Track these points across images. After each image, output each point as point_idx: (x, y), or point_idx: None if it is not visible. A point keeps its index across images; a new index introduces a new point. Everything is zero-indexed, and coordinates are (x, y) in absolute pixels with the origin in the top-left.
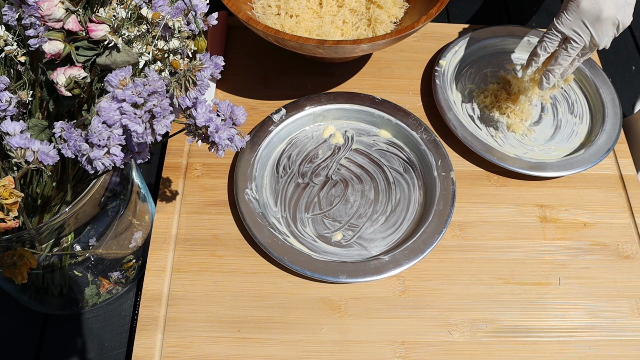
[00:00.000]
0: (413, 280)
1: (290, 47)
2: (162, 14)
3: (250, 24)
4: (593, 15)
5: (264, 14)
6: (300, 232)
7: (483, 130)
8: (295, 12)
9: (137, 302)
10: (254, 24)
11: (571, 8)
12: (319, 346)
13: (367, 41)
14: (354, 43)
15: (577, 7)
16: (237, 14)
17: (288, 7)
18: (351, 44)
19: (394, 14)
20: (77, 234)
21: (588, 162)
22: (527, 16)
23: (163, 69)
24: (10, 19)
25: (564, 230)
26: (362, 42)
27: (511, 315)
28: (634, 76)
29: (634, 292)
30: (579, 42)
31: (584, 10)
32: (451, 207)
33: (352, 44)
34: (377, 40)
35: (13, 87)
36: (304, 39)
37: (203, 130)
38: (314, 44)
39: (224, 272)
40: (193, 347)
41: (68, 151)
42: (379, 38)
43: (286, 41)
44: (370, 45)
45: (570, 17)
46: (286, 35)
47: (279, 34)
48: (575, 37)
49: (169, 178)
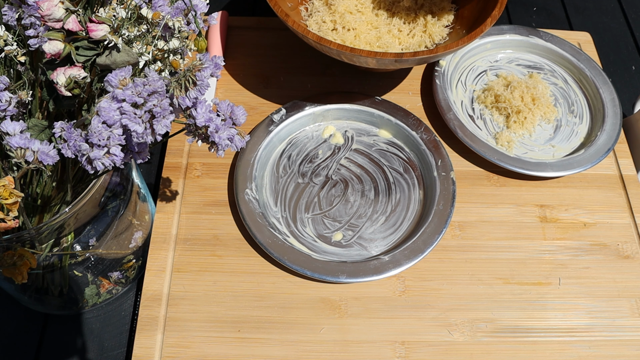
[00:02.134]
0: (413, 280)
1: (364, 64)
2: (162, 14)
3: (323, 44)
4: None
5: (320, 30)
6: (300, 232)
7: (483, 130)
8: (352, 25)
9: (137, 302)
10: (326, 44)
11: None
12: (319, 346)
13: (442, 49)
14: (429, 53)
15: None
16: (306, 34)
17: (345, 21)
18: (427, 54)
19: (445, 16)
20: (77, 234)
21: (588, 162)
22: (527, 16)
23: (163, 69)
24: (10, 19)
25: (564, 230)
26: (439, 51)
27: (511, 315)
28: (634, 76)
29: (634, 292)
30: None
31: None
32: (451, 207)
33: (428, 54)
34: (453, 48)
35: (13, 87)
36: (381, 54)
37: (203, 130)
38: (392, 58)
39: (224, 272)
40: (193, 347)
41: (68, 151)
42: (453, 45)
43: (362, 58)
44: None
45: None
46: (363, 52)
47: (354, 51)
48: None
49: (169, 178)
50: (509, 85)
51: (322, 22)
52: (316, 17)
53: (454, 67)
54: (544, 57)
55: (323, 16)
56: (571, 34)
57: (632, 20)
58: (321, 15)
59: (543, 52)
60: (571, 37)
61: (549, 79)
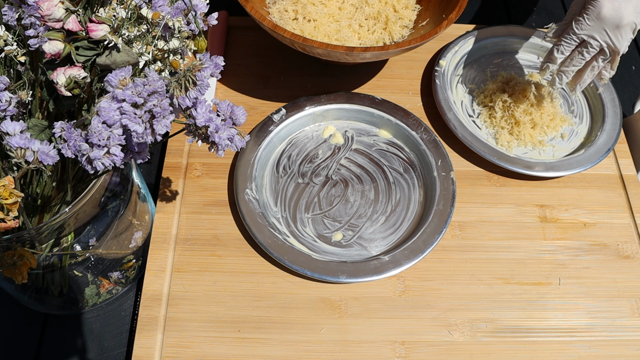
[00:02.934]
0: (413, 280)
1: (317, 54)
2: (162, 14)
3: (277, 31)
4: (613, 23)
5: (281, 19)
6: (300, 232)
7: (483, 130)
8: (313, 16)
9: (137, 302)
10: (280, 31)
11: (592, 15)
12: (319, 346)
13: (394, 47)
14: (380, 49)
15: (598, 15)
16: (262, 21)
17: (306, 12)
18: (378, 51)
19: (407, 16)
20: (77, 234)
21: (588, 162)
22: (527, 16)
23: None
24: (10, 19)
25: (564, 230)
26: (390, 48)
27: (511, 315)
28: (634, 76)
29: (634, 292)
30: (595, 46)
31: (605, 18)
32: (451, 207)
33: (379, 50)
34: (404, 46)
35: (13, 87)
36: (332, 46)
37: (203, 130)
38: (343, 51)
39: (224, 272)
40: (193, 347)
41: (68, 151)
42: (404, 44)
43: (314, 49)
44: (397, 50)
45: (591, 23)
46: (315, 43)
47: (307, 41)
48: (592, 42)
49: (169, 178)
50: (508, 85)
51: (284, 10)
52: (279, 5)
53: (454, 67)
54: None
55: (286, 5)
56: None
57: None
58: (284, 5)
59: (543, 52)
60: None
61: (549, 79)
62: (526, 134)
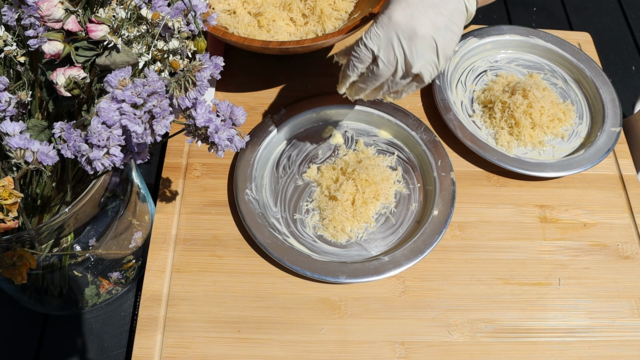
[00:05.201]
0: (413, 280)
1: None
2: (161, 14)
3: None
4: (406, 31)
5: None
6: (300, 232)
7: (483, 131)
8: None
9: (137, 302)
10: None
11: (382, 20)
12: (319, 346)
13: (309, 42)
14: (297, 44)
15: (388, 20)
16: None
17: None
18: (295, 45)
19: (343, 8)
20: (77, 235)
21: (588, 162)
22: (527, 16)
23: (163, 70)
24: (9, 20)
25: (564, 231)
26: (305, 43)
27: (511, 316)
28: (634, 76)
29: (634, 292)
30: (387, 63)
31: (395, 23)
32: (451, 207)
33: (295, 44)
34: (320, 40)
35: (13, 87)
36: (249, 40)
37: (203, 131)
38: (260, 45)
39: (223, 273)
40: (193, 348)
41: (67, 152)
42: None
43: (232, 42)
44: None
45: (380, 32)
46: (233, 37)
47: (226, 35)
48: (383, 58)
49: (168, 178)
50: (509, 85)
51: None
52: None
53: (454, 67)
54: (544, 57)
55: None
56: (571, 34)
57: (632, 20)
58: None
59: (543, 52)
60: (571, 37)
61: (549, 79)
62: (526, 134)
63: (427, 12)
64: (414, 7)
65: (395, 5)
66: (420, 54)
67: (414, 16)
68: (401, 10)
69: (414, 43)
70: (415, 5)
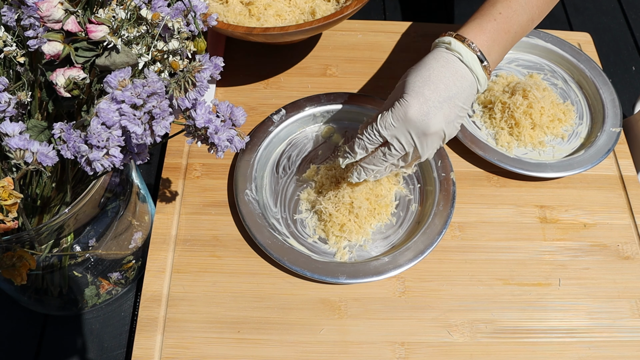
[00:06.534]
0: (413, 281)
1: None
2: (161, 14)
3: None
4: (420, 129)
5: None
6: (300, 232)
7: (483, 131)
8: None
9: (137, 302)
10: None
11: (398, 114)
12: (319, 347)
13: (293, 28)
14: (281, 30)
15: (404, 115)
16: None
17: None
18: (279, 31)
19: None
20: (76, 235)
21: (588, 162)
22: None
23: (162, 70)
24: (9, 20)
25: (564, 231)
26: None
27: (511, 316)
28: (634, 76)
29: (634, 292)
30: (399, 150)
31: (411, 121)
32: (451, 208)
33: (279, 31)
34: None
35: (12, 88)
36: (233, 26)
37: (202, 132)
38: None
39: (223, 273)
40: (193, 348)
41: (67, 152)
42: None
43: (217, 28)
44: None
45: (396, 124)
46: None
47: None
48: (396, 145)
49: (168, 179)
50: (509, 85)
51: None
52: None
53: None
54: (544, 58)
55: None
56: (571, 35)
57: (632, 20)
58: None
59: (543, 52)
60: (571, 37)
61: (549, 79)
62: (526, 134)
63: (443, 107)
64: (430, 103)
65: (412, 99)
66: (430, 146)
67: (429, 114)
68: (418, 106)
69: (425, 139)
70: (431, 101)
